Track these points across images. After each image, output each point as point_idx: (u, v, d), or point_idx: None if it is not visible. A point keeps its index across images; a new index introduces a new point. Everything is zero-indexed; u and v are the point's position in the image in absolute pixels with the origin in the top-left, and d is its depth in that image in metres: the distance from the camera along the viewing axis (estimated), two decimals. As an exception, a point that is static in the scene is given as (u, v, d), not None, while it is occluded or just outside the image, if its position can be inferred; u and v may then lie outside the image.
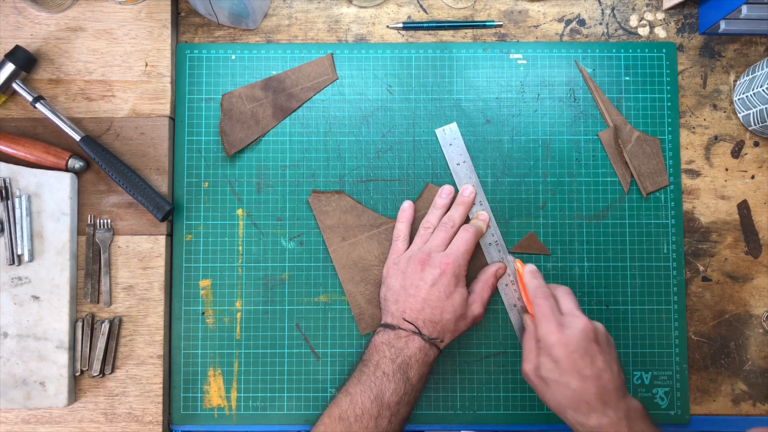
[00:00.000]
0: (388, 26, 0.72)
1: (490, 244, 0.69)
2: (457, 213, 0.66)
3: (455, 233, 0.65)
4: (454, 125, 0.70)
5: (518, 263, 0.67)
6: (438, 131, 0.70)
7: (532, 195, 0.70)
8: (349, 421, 0.57)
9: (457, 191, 0.69)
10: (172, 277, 0.69)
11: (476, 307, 0.64)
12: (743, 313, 0.70)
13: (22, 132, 0.68)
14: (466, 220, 0.68)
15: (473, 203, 0.68)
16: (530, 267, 0.66)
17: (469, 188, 0.68)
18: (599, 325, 0.59)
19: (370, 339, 0.63)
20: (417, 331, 0.61)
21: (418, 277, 0.62)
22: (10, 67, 0.66)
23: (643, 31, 0.72)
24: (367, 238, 0.69)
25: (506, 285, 0.69)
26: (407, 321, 0.61)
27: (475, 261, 0.68)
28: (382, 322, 0.64)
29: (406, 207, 0.68)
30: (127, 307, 0.68)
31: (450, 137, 0.70)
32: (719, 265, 0.70)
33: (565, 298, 0.61)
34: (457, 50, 0.71)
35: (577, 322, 0.58)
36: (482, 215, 0.68)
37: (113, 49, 0.70)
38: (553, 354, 0.57)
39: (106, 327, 0.67)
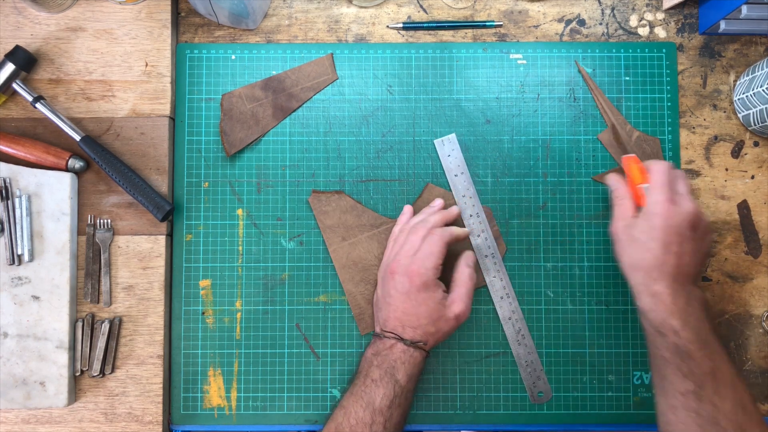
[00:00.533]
0: (388, 26, 0.72)
1: (486, 256, 0.69)
2: (432, 218, 0.64)
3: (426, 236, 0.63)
4: (453, 136, 0.70)
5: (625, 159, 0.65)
6: (437, 142, 0.70)
7: (532, 195, 0.70)
8: None
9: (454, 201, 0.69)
10: (172, 277, 0.69)
11: (456, 306, 0.62)
12: (743, 313, 0.70)
13: (22, 132, 0.68)
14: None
15: (454, 218, 0.66)
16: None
17: (455, 208, 0.67)
18: (705, 218, 0.61)
19: (363, 353, 0.63)
20: (398, 337, 0.61)
21: (391, 286, 0.62)
22: (10, 67, 0.66)
23: (643, 31, 0.72)
24: (367, 238, 0.69)
25: (501, 298, 0.68)
26: (387, 330, 0.62)
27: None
28: (374, 331, 0.65)
29: (406, 211, 0.68)
30: (127, 307, 0.68)
31: (449, 148, 0.70)
32: (719, 265, 0.70)
33: (682, 180, 0.62)
34: (457, 50, 0.71)
35: (688, 205, 0.59)
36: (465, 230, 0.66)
37: (113, 49, 0.70)
38: (653, 221, 0.59)
39: (106, 327, 0.67)
